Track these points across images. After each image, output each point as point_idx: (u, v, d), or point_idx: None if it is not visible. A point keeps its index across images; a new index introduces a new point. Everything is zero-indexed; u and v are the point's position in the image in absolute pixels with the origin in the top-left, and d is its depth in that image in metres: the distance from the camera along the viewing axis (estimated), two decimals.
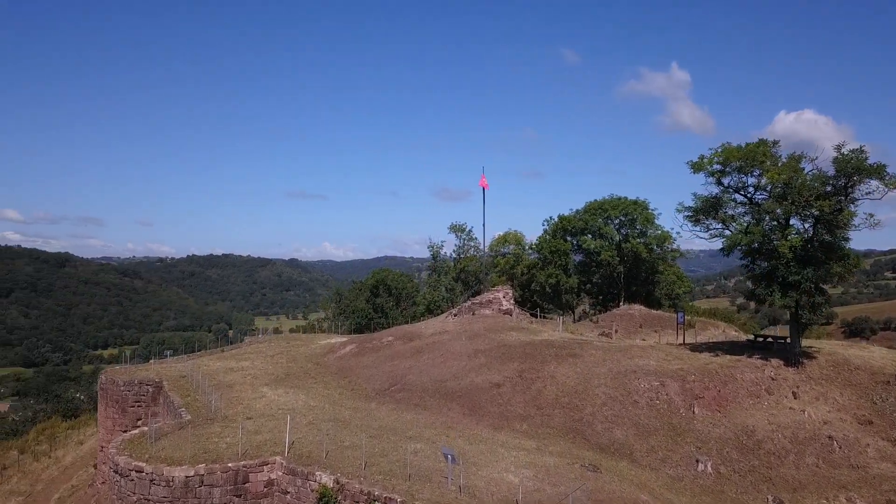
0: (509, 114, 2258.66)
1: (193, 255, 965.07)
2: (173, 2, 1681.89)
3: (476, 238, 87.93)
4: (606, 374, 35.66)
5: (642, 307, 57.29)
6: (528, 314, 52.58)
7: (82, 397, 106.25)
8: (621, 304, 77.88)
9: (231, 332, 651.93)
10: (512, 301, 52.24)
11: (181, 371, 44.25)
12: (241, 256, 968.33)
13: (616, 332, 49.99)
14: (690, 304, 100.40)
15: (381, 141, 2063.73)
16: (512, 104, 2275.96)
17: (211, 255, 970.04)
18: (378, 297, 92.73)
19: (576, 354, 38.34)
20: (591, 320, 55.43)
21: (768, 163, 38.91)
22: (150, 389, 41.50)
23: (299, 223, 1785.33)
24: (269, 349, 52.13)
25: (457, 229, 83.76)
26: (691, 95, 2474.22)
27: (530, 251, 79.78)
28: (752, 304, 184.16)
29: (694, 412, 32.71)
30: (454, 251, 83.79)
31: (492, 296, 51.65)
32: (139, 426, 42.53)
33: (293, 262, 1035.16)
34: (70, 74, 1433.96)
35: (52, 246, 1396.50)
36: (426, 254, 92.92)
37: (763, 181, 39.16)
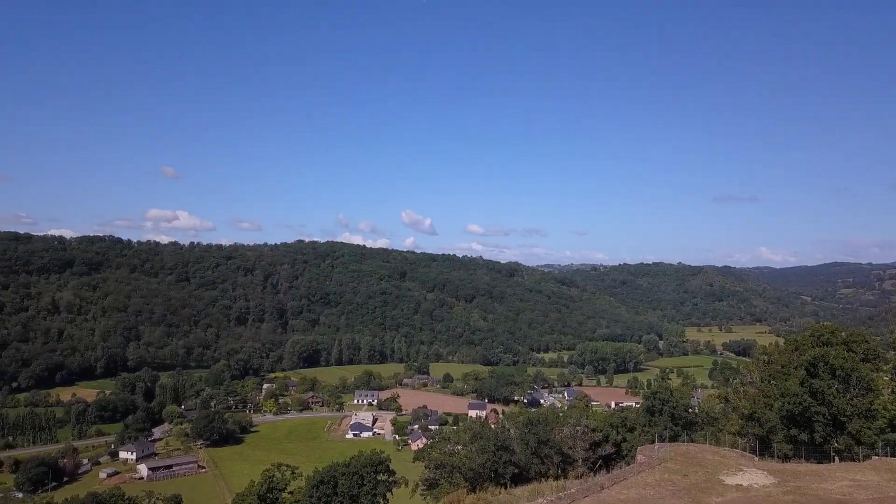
0: None
1: (625, 264, 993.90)
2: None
3: None
4: None
5: None
6: None
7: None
8: None
9: (661, 343, 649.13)
10: None
11: None
12: (671, 265, 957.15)
13: None
14: None
15: (821, 133, 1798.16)
16: None
17: (641, 263, 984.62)
18: (817, 379, 73.94)
19: None
20: None
21: None
22: None
23: (730, 228, 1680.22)
24: (657, 497, 42.44)
25: None
26: None
27: None
28: None
29: None
30: None
31: None
32: None
33: (725, 270, 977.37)
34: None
35: (506, 255, 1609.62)
36: (889, 259, 70.22)
37: None
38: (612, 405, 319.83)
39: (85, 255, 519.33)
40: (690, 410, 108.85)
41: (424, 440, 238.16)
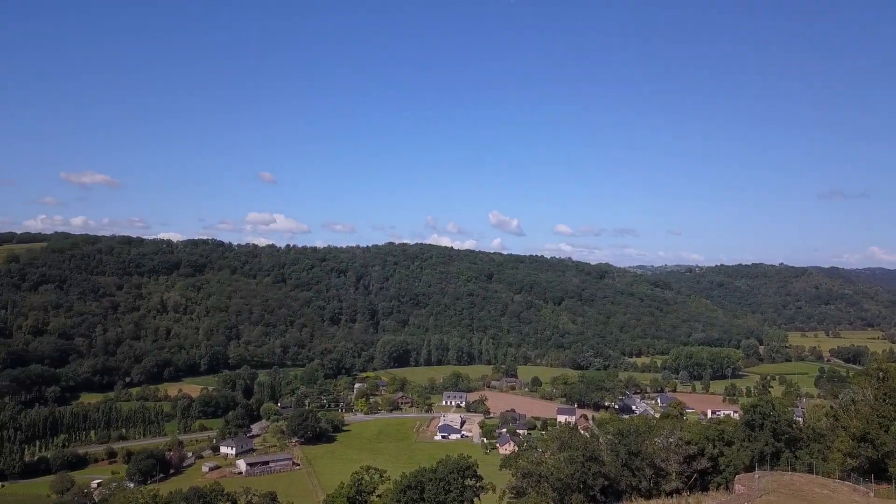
0: None
1: (722, 265, 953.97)
2: None
3: None
4: None
5: None
6: None
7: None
8: None
9: (762, 348, 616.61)
10: None
11: None
12: (772, 266, 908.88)
13: None
14: None
15: None
16: None
17: (740, 264, 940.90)
18: None
19: None
20: None
21: None
22: None
23: (838, 227, 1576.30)
24: None
25: None
26: None
27: None
28: None
29: None
30: None
31: None
32: None
33: (833, 272, 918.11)
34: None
35: (596, 256, 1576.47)
36: None
37: None
38: (709, 414, 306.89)
39: (190, 257, 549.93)
40: (794, 425, 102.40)
41: (513, 444, 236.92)
